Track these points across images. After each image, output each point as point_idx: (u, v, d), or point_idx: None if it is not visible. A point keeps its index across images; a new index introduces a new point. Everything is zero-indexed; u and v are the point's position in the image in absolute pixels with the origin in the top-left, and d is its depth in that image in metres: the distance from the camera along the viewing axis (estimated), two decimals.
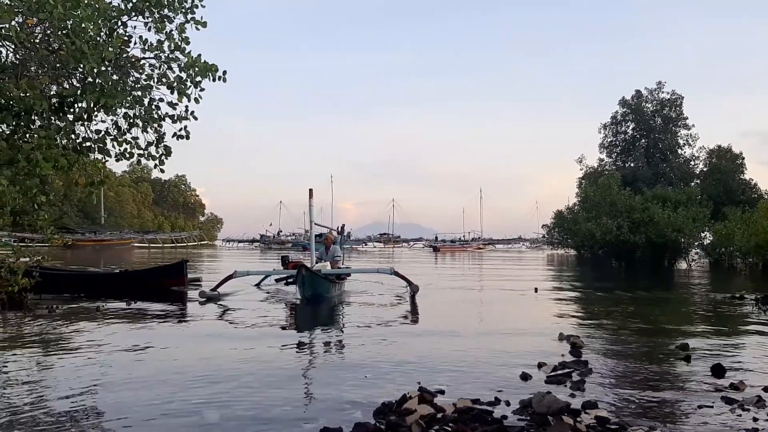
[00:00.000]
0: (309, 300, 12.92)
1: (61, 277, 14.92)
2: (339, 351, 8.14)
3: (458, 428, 4.39)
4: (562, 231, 48.58)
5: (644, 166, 54.27)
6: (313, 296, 13.03)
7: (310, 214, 15.26)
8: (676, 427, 4.71)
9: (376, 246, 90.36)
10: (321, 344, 8.71)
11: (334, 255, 16.08)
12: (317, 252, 16.00)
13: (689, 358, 7.31)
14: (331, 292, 13.92)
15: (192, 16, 8.13)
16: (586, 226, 37.98)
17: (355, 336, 8.96)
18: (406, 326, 10.25)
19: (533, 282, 18.87)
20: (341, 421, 4.66)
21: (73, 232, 58.75)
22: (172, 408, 5.11)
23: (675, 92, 55.98)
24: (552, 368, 6.61)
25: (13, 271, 10.99)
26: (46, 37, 7.62)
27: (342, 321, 10.95)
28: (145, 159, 8.42)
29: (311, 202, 14.83)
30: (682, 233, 33.00)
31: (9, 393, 5.61)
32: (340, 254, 16.88)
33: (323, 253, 16.12)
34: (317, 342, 8.88)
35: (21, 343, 8.30)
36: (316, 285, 13.15)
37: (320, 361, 7.43)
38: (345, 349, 8.15)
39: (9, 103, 7.48)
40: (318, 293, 13.18)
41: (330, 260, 15.74)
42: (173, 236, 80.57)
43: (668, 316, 11.93)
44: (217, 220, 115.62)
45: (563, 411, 4.73)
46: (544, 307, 13.30)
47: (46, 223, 12.82)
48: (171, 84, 8.11)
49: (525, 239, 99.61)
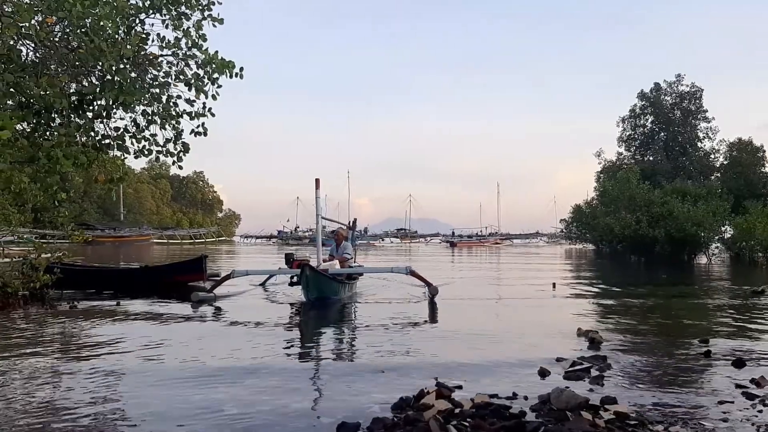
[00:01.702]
0: (314, 303, 11.81)
1: (82, 273, 15.07)
2: (355, 348, 8.16)
3: (476, 423, 4.38)
4: (580, 225, 48.26)
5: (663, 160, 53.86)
6: (319, 298, 11.90)
7: (317, 206, 13.78)
8: (696, 423, 4.67)
9: (393, 242, 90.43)
10: (335, 342, 8.74)
11: (344, 252, 14.82)
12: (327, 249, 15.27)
13: (710, 353, 7.25)
14: (340, 293, 12.82)
15: (209, 13, 8.17)
16: (604, 220, 37.74)
17: (371, 333, 8.98)
18: (422, 323, 10.24)
19: (551, 277, 18.78)
20: (359, 416, 4.67)
21: (92, 229, 59.38)
22: (192, 403, 5.15)
23: (694, 84, 55.54)
24: (570, 364, 6.57)
25: (35, 267, 11.14)
26: (66, 35, 7.69)
27: (355, 320, 10.82)
28: (164, 156, 8.50)
29: (318, 193, 13.32)
30: (702, 227, 32.65)
31: (30, 389, 5.68)
32: (351, 252, 15.59)
33: (333, 250, 15.06)
34: (331, 340, 8.91)
35: (42, 339, 8.40)
36: (321, 286, 11.99)
37: (336, 358, 7.44)
38: (360, 346, 8.16)
39: (29, 102, 7.56)
40: (324, 295, 12.07)
41: (339, 258, 14.48)
42: (192, 232, 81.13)
43: (688, 310, 11.82)
44: (235, 216, 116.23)
45: (582, 406, 4.71)
46: (562, 302, 13.24)
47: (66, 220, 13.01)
48: (188, 81, 8.17)
49: (543, 234, 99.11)
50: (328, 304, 11.84)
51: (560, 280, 18.27)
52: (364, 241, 79.10)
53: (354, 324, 10.28)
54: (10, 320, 9.63)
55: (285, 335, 8.89)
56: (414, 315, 10.80)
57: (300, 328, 9.95)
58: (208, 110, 8.41)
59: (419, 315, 11.03)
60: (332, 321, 10.60)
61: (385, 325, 9.59)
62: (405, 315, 10.75)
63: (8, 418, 4.74)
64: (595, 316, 11.09)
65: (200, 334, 8.93)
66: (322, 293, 11.95)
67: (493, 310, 12.52)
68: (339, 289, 12.72)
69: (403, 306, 12.07)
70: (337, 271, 13.37)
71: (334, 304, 11.98)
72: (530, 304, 13.16)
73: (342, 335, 9.20)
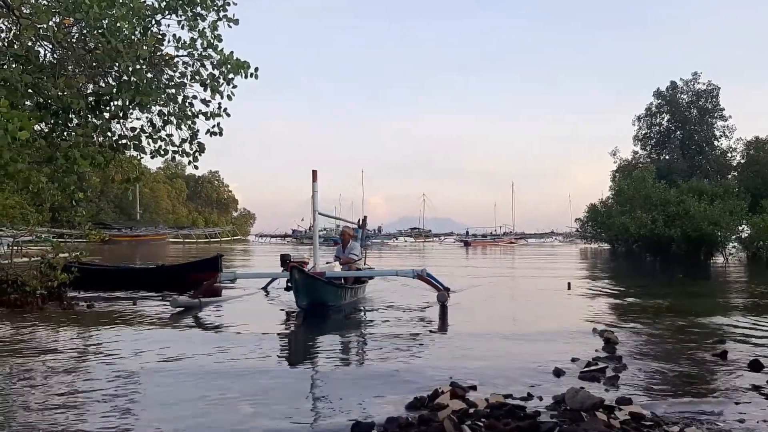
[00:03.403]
0: (306, 310, 10.54)
1: (99, 273, 15.20)
2: (368, 348, 8.16)
3: (491, 423, 4.38)
4: (595, 225, 48.03)
5: (679, 159, 53.52)
6: (312, 305, 10.57)
7: (314, 201, 12.14)
8: (712, 424, 4.64)
9: (407, 241, 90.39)
10: (348, 342, 8.74)
11: (350, 253, 13.38)
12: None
13: (726, 354, 7.19)
14: (341, 299, 11.59)
15: (224, 13, 8.22)
16: (620, 219, 37.54)
17: (383, 334, 8.96)
18: (435, 322, 10.23)
19: (566, 277, 18.70)
20: (373, 415, 4.69)
21: (109, 228, 59.81)
22: (207, 403, 5.19)
23: (711, 83, 55.10)
24: (585, 364, 6.55)
25: (53, 266, 11.24)
26: (83, 36, 7.77)
27: (364, 322, 10.58)
28: (180, 155, 8.56)
29: (315, 186, 11.73)
30: (719, 227, 32.37)
31: (47, 386, 5.75)
32: (359, 252, 14.04)
33: (339, 250, 13.76)
34: (343, 341, 8.90)
35: (59, 337, 8.48)
36: (315, 291, 10.70)
37: (350, 358, 7.47)
38: (374, 346, 8.15)
39: (47, 102, 7.65)
40: (320, 300, 10.78)
41: (345, 259, 13.21)
42: (207, 232, 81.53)
43: (704, 311, 11.72)
44: (249, 215, 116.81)
45: (597, 407, 4.69)
46: (578, 302, 13.18)
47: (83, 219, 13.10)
48: (204, 81, 8.22)
49: (558, 233, 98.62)
50: (327, 311, 10.80)
51: (575, 280, 18.19)
52: (378, 241, 79.21)
53: (364, 326, 10.15)
54: (29, 318, 9.74)
55: (294, 337, 8.93)
56: (427, 317, 10.65)
57: (304, 330, 9.78)
58: (223, 110, 8.47)
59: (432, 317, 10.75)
60: (340, 324, 10.25)
61: (396, 327, 9.57)
62: (418, 317, 10.61)
63: (24, 415, 4.80)
64: (610, 316, 11.03)
65: (212, 334, 8.98)
66: (315, 299, 10.69)
67: (507, 309, 12.48)
68: (338, 294, 11.51)
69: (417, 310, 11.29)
70: (335, 274, 12.24)
71: (336, 310, 11.02)
72: (545, 303, 13.12)
73: (351, 337, 9.16)
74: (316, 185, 11.75)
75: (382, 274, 14.74)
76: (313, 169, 11.74)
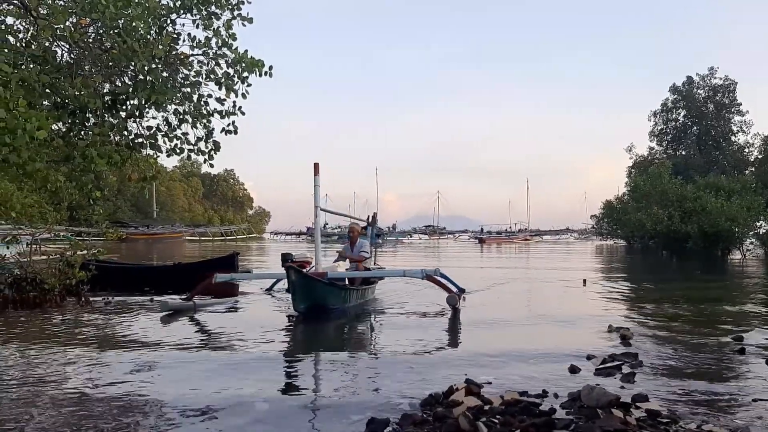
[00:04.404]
0: (305, 314, 9.71)
1: (117, 271, 15.32)
2: (381, 344, 8.16)
3: (506, 420, 4.38)
4: (611, 221, 47.90)
5: (696, 154, 53.17)
6: (311, 308, 9.76)
7: (316, 195, 11.07)
8: (729, 421, 4.61)
9: (422, 238, 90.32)
10: (361, 338, 8.76)
11: (360, 251, 12.56)
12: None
13: (743, 351, 7.14)
14: (345, 301, 10.74)
15: (238, 12, 8.27)
16: (636, 216, 37.37)
17: (396, 330, 8.98)
18: (450, 320, 10.21)
19: (581, 273, 18.62)
20: (388, 412, 4.70)
21: (126, 226, 60.31)
22: (222, 396, 5.23)
23: (728, 77, 54.66)
24: (601, 361, 6.53)
25: (71, 264, 11.35)
26: (99, 36, 7.85)
27: (377, 319, 10.30)
28: (195, 154, 8.64)
29: (317, 180, 10.81)
30: (736, 223, 32.08)
31: (65, 379, 5.82)
32: (369, 250, 13.12)
33: (347, 249, 12.88)
34: (357, 336, 8.93)
35: (77, 333, 8.57)
36: (315, 293, 9.91)
37: (363, 354, 7.46)
38: (387, 342, 8.16)
39: (64, 102, 7.74)
40: (320, 303, 9.97)
41: (356, 258, 12.46)
42: (223, 229, 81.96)
43: (721, 307, 11.63)
44: (264, 213, 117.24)
45: (613, 404, 4.67)
46: (593, 298, 13.11)
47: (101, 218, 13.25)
48: (219, 80, 8.29)
49: (573, 230, 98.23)
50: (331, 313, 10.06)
51: (591, 277, 18.11)
52: (392, 238, 79.18)
53: (376, 321, 10.04)
54: (47, 315, 9.86)
55: (306, 332, 8.94)
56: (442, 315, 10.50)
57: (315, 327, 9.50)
58: (238, 109, 8.53)
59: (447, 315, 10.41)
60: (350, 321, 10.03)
61: (410, 323, 9.60)
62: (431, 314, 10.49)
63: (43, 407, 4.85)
64: (626, 312, 10.98)
65: (226, 330, 9.02)
66: (315, 302, 9.89)
67: (522, 305, 12.46)
68: (341, 296, 10.66)
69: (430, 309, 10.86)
70: (338, 274, 11.43)
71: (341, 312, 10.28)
72: (560, 300, 13.06)
73: (365, 332, 9.19)
74: (318, 179, 10.86)
75: (387, 274, 13.49)
76: (315, 162, 10.86)
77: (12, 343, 7.73)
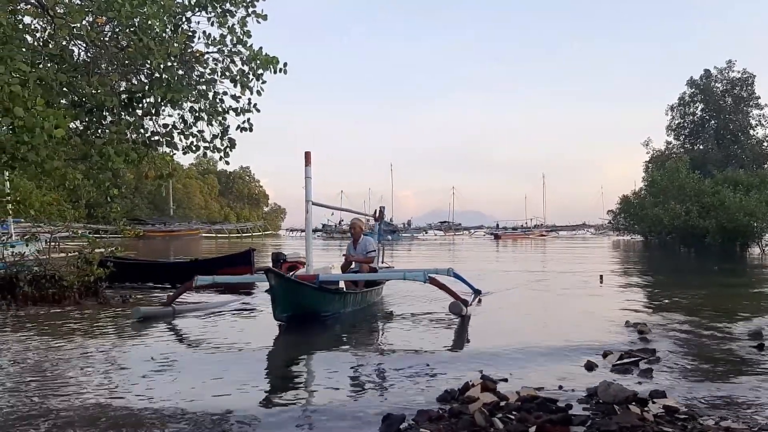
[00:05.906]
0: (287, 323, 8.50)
1: (134, 267, 15.45)
2: (397, 339, 8.13)
3: (522, 417, 4.36)
4: (628, 216, 47.49)
5: (714, 149, 52.64)
6: (295, 317, 8.47)
7: (307, 188, 9.70)
8: (749, 417, 4.57)
9: (437, 234, 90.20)
10: (375, 333, 8.76)
11: (366, 250, 11.11)
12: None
13: (762, 347, 7.06)
14: (341, 305, 9.70)
15: (253, 9, 8.29)
16: (653, 211, 37.06)
17: (411, 325, 8.98)
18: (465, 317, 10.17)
19: (598, 269, 18.52)
20: (404, 408, 4.70)
21: (143, 223, 60.93)
22: (239, 392, 5.26)
23: (746, 71, 54.03)
24: (618, 357, 6.48)
25: (89, 261, 11.46)
26: (115, 35, 7.90)
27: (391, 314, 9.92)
28: (211, 151, 8.70)
29: (308, 170, 9.58)
30: (755, 218, 31.72)
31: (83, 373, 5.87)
32: (376, 249, 11.61)
33: (350, 247, 11.48)
34: (370, 332, 8.93)
35: (95, 329, 8.65)
36: (300, 299, 8.63)
37: (379, 350, 7.46)
38: (403, 338, 8.14)
39: (82, 100, 7.80)
40: (309, 310, 8.78)
41: (362, 258, 11.07)
42: (239, 226, 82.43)
43: (740, 303, 11.52)
44: (280, 210, 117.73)
45: (630, 400, 4.65)
46: (610, 294, 13.04)
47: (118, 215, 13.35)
48: (234, 77, 8.32)
49: (589, 225, 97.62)
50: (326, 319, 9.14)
51: (608, 272, 18.00)
52: (408, 234, 79.17)
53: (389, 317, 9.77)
54: (66, 311, 9.96)
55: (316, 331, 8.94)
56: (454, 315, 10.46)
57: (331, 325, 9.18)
58: (253, 106, 8.56)
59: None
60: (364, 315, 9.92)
61: (424, 317, 9.59)
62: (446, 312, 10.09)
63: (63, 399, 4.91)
64: (643, 308, 10.89)
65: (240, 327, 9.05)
66: (302, 308, 8.61)
67: (539, 301, 12.39)
68: (334, 300, 9.55)
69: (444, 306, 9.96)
70: (330, 277, 10.63)
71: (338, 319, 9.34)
72: (577, 296, 12.99)
73: (378, 328, 9.13)
74: (309, 170, 9.62)
75: (386, 276, 11.95)
76: (306, 151, 9.64)
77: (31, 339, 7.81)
